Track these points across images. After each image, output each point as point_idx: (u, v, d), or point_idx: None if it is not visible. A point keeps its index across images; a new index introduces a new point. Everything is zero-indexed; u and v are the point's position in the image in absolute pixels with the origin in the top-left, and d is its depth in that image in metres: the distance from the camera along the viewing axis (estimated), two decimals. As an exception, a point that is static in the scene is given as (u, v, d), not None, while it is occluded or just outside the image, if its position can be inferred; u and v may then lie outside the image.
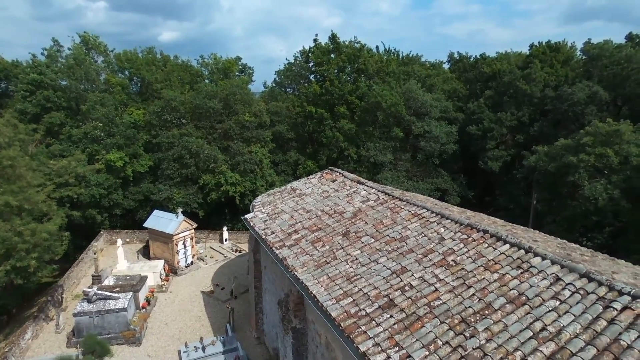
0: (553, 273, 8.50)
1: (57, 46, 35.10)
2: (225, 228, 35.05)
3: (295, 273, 12.03)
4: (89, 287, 20.01)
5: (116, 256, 27.49)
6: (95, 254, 22.82)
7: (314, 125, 42.10)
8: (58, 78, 31.33)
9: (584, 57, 42.54)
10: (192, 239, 29.15)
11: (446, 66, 55.47)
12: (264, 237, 15.56)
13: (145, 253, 31.29)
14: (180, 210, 28.02)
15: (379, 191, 16.45)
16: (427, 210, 13.40)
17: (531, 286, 8.30)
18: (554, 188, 27.28)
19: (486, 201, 44.79)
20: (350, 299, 9.91)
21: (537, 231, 15.24)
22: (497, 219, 16.77)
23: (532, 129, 36.25)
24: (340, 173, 20.35)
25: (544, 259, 9.03)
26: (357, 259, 11.79)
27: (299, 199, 18.79)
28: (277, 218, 17.13)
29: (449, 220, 12.27)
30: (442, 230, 11.90)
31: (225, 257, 32.25)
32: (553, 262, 8.82)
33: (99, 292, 19.09)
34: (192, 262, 29.16)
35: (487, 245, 10.35)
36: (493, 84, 41.37)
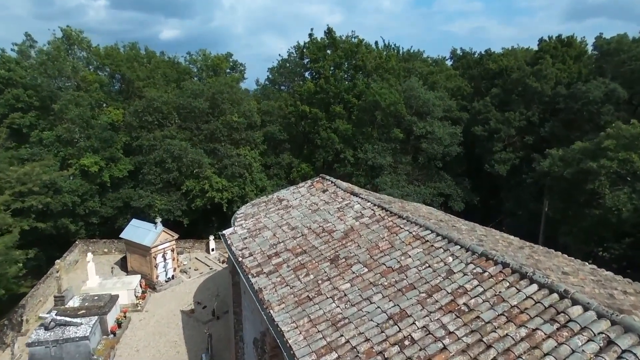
0: (602, 332, 6.48)
1: (30, 41, 33.04)
2: (211, 237, 33.06)
3: (271, 312, 10.03)
4: (48, 312, 17.98)
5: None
6: (57, 272, 20.77)
7: (308, 126, 40.11)
8: (28, 75, 29.22)
9: (595, 53, 40.61)
10: (173, 250, 27.16)
11: (449, 63, 53.47)
12: (240, 259, 13.56)
13: (124, 265, 29.29)
14: (159, 220, 26.02)
15: (374, 205, 14.44)
16: (431, 231, 11.40)
17: (574, 351, 6.27)
18: (569, 196, 25.30)
19: (491, 205, 42.82)
20: (334, 355, 7.91)
21: (560, 253, 13.24)
22: (513, 238, 14.81)
23: (542, 130, 34.23)
24: (332, 182, 18.34)
25: (586, 309, 7.02)
26: (346, 295, 9.79)
27: (285, 212, 16.80)
28: (258, 235, 15.14)
29: (458, 247, 10.26)
30: (450, 259, 9.89)
31: (211, 269, 30.31)
32: (600, 315, 6.80)
33: (58, 317, 17.08)
34: (173, 276, 27.18)
35: (508, 284, 8.33)
36: (499, 81, 39.34)
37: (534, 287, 8.00)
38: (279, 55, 58.53)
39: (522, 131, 35.99)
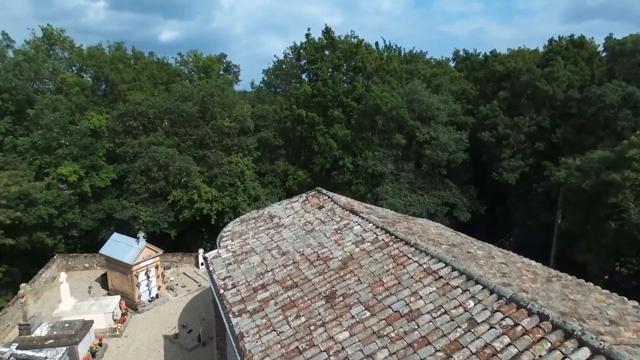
0: None
1: (7, 41, 31.41)
2: (201, 250, 31.30)
3: (253, 368, 8.36)
4: (8, 345, 16.25)
5: (71, 284, 23.87)
6: (23, 297, 19.03)
7: (305, 131, 38.51)
8: (2, 77, 27.50)
9: (605, 54, 39.17)
10: (157, 267, 25.42)
11: (451, 64, 51.95)
12: (222, 291, 11.90)
13: (106, 282, 27.58)
14: (142, 235, 24.30)
15: (377, 228, 12.81)
16: (445, 264, 9.74)
17: None
18: (588, 208, 23.67)
19: (497, 212, 41.12)
20: None
21: (594, 286, 11.59)
22: (535, 264, 13.22)
23: (554, 136, 32.63)
24: (329, 197, 16.68)
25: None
26: (344, 348, 8.14)
27: (276, 232, 15.15)
28: (244, 261, 13.49)
29: (480, 287, 8.59)
30: (471, 303, 8.24)
31: (199, 285, 28.56)
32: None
33: (18, 351, 15.34)
34: (157, 295, 25.43)
35: (549, 345, 6.67)
36: (507, 84, 37.82)
37: (585, 351, 6.32)
38: (275, 56, 56.93)
39: (532, 137, 34.43)
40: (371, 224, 13.24)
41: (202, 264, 31.29)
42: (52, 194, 26.32)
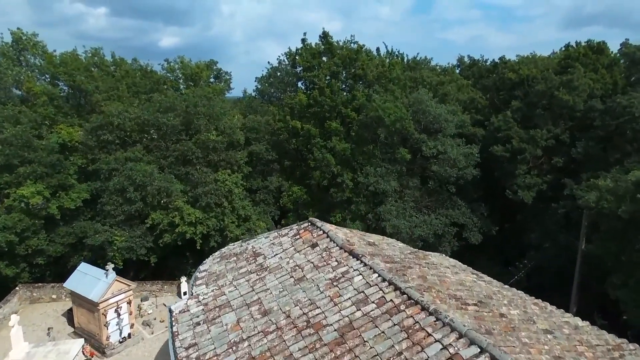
0: None
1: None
2: (183, 278, 28.77)
3: None
4: None
5: (33, 320, 21.39)
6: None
7: (300, 144, 36.04)
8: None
9: (623, 61, 36.95)
10: (129, 303, 22.83)
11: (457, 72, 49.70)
12: (182, 368, 9.35)
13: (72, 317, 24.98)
14: (111, 267, 21.75)
15: (383, 281, 10.33)
16: (481, 349, 7.21)
17: None
18: (623, 237, 21.19)
19: (506, 229, 38.43)
20: None
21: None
22: (586, 326, 10.71)
23: (574, 150, 30.19)
24: (324, 232, 14.16)
25: None
26: None
27: (258, 277, 12.66)
28: (216, 320, 11.02)
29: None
30: None
31: (180, 319, 25.92)
32: None
33: None
34: (129, 335, 22.85)
35: None
36: (520, 92, 35.44)
37: None
38: (268, 62, 54.67)
39: (549, 151, 31.98)
40: (376, 275, 10.75)
41: (184, 294, 28.72)
42: (11, 219, 23.74)
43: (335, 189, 33.97)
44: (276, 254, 14.02)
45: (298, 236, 14.77)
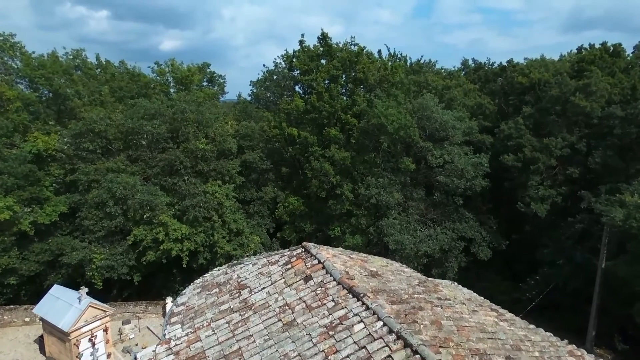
0: None
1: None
2: (169, 299, 26.98)
3: None
4: None
5: (1, 348, 19.49)
6: None
7: (297, 151, 34.28)
8: None
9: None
10: (106, 330, 20.96)
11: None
12: None
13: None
14: (84, 291, 19.91)
15: (390, 333, 8.49)
16: None
17: None
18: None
19: (514, 241, 36.42)
20: None
21: None
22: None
23: (591, 160, 28.44)
24: (319, 262, 12.28)
25: None
26: None
27: (241, 318, 10.83)
28: (187, 375, 9.14)
29: None
30: None
31: (165, 345, 24.07)
32: None
33: None
34: (105, 366, 20.94)
35: None
36: (531, 98, 33.74)
37: None
38: (264, 65, 52.86)
39: (564, 161, 30.22)
40: (380, 322, 8.89)
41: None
42: (-22, 236, 22.00)
43: (334, 200, 32.19)
44: (263, 288, 12.17)
45: (289, 265, 12.91)
